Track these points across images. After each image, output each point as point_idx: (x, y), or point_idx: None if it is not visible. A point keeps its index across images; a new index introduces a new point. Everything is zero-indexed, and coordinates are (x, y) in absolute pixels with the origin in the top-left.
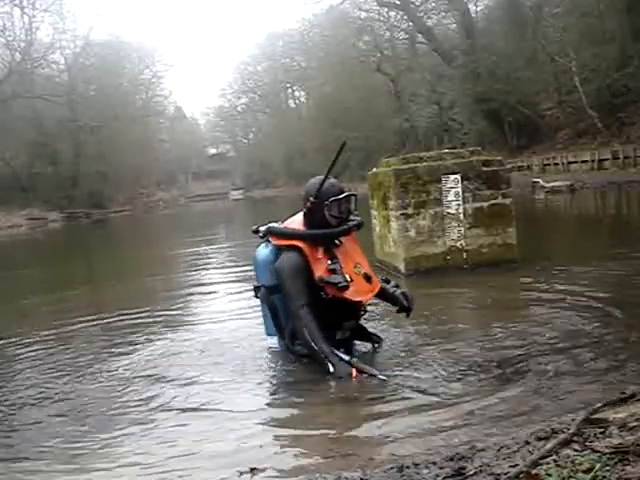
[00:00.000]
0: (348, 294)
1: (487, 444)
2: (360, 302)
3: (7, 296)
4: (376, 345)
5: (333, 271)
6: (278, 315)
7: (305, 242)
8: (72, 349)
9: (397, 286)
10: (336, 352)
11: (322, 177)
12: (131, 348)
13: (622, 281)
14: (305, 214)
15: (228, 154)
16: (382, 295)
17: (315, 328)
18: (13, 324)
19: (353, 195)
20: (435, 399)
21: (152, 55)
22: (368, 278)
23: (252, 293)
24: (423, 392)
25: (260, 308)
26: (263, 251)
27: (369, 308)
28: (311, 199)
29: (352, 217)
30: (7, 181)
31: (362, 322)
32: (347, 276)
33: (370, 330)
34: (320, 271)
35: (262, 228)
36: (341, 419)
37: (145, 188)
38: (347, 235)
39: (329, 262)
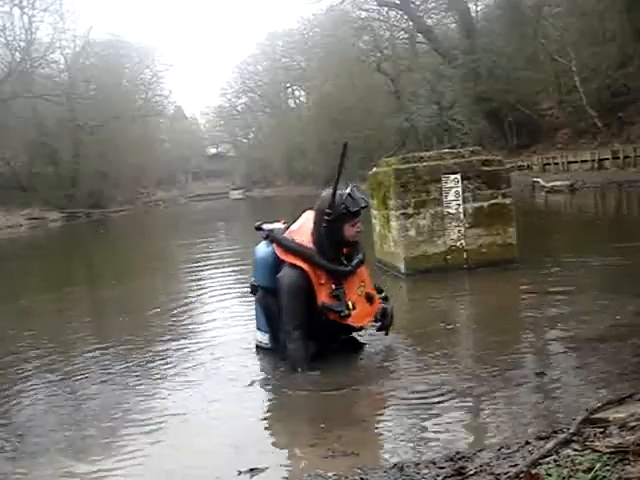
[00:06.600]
0: (350, 321)
1: (487, 444)
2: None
3: (7, 296)
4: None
5: (337, 297)
6: (272, 316)
7: (310, 266)
8: (72, 350)
9: (386, 298)
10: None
11: (343, 189)
12: (130, 350)
13: (623, 280)
14: (316, 227)
15: (228, 154)
16: None
17: (303, 356)
18: (12, 324)
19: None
20: (435, 399)
21: (152, 55)
22: (370, 298)
23: (246, 292)
24: (423, 392)
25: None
26: (264, 250)
27: None
28: (327, 211)
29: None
30: (7, 181)
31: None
32: (350, 303)
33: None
34: (323, 297)
35: (265, 226)
36: (341, 419)
37: (145, 188)
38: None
39: (333, 287)
